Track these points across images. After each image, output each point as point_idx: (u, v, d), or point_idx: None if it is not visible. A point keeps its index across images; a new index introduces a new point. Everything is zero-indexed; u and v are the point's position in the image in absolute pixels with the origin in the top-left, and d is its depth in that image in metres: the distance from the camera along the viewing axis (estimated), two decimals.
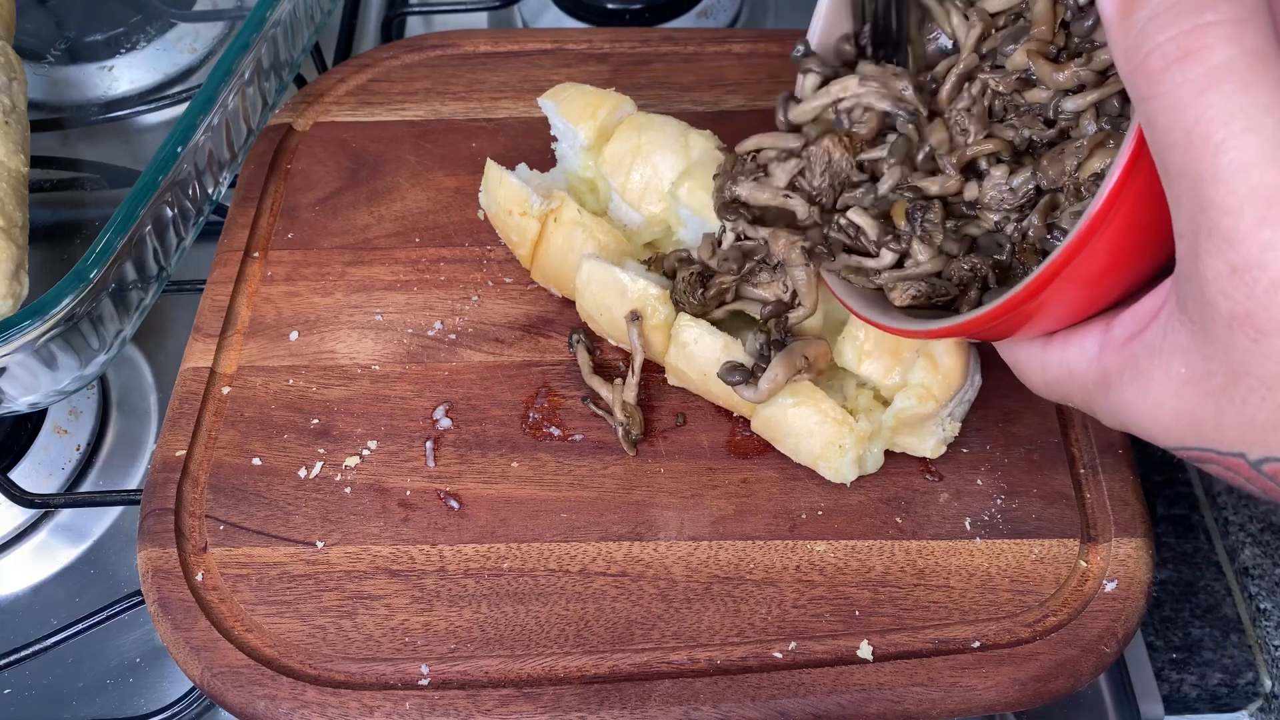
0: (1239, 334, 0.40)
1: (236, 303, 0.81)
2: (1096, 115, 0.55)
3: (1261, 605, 0.78)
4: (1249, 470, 0.44)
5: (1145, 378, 0.46)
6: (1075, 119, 0.56)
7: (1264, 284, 0.38)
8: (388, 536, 0.70)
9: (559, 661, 0.65)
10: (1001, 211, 0.58)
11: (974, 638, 0.65)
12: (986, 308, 0.52)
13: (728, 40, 0.97)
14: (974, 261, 0.58)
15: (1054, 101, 0.56)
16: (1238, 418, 0.42)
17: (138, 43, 1.06)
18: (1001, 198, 0.57)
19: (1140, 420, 0.48)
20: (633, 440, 0.72)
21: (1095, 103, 0.55)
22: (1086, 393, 0.52)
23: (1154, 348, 0.46)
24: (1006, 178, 0.57)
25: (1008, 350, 0.57)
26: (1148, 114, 0.41)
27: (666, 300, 0.71)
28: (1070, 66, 0.55)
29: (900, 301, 0.59)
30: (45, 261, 0.91)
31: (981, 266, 0.58)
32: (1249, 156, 0.38)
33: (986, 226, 0.59)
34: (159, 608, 0.67)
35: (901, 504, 0.70)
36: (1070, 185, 0.55)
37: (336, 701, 0.63)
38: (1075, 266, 0.47)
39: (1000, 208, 0.58)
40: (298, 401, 0.76)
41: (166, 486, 0.72)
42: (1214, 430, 0.44)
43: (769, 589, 0.67)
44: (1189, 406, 0.44)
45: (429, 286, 0.82)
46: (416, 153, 0.90)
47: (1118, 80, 0.54)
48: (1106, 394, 0.50)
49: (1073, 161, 0.54)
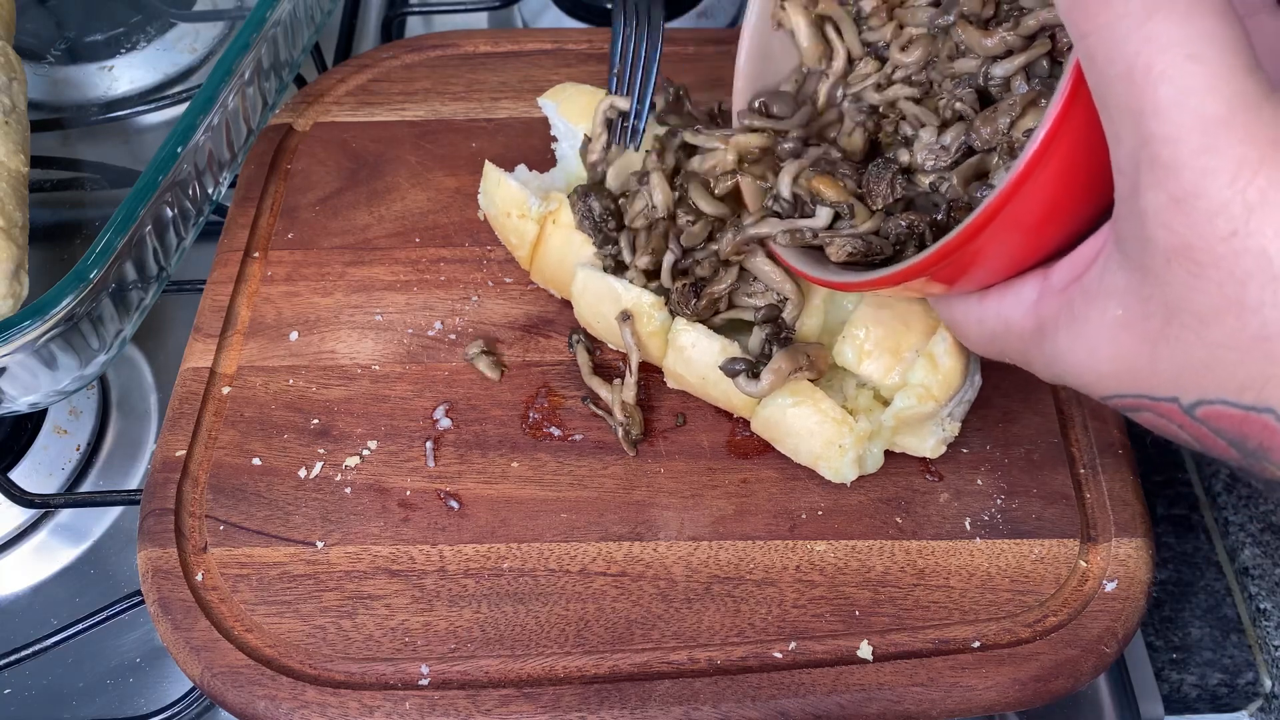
0: (1177, 267, 0.40)
1: (236, 303, 0.81)
2: (1027, 78, 0.56)
3: (1261, 605, 0.78)
4: (1181, 416, 0.43)
5: (1081, 322, 0.46)
6: (1005, 83, 0.57)
7: (1202, 211, 0.38)
8: (388, 536, 0.70)
9: (559, 661, 0.65)
10: (935, 172, 0.58)
11: (974, 638, 0.65)
12: (923, 255, 0.51)
13: (728, 40, 0.96)
14: (911, 219, 0.58)
15: (983, 69, 0.57)
16: (1172, 359, 0.42)
17: (138, 43, 1.06)
18: (935, 157, 0.58)
19: (1075, 368, 0.47)
20: (633, 440, 0.72)
21: (1024, 66, 0.56)
22: (1023, 344, 0.51)
23: (1090, 292, 0.45)
24: (936, 137, 0.58)
25: (944, 308, 0.57)
26: (1087, 50, 0.40)
27: (661, 307, 0.71)
28: (998, 33, 0.57)
29: (837, 258, 0.59)
30: (45, 261, 0.91)
31: (919, 224, 0.58)
32: (1190, 84, 0.38)
33: (921, 188, 0.59)
34: (159, 608, 0.67)
35: (901, 504, 0.70)
36: (1004, 144, 0.55)
37: (336, 701, 0.63)
38: (1012, 209, 0.46)
39: (935, 168, 0.58)
40: (298, 401, 0.76)
41: (166, 486, 0.72)
42: (1149, 375, 0.43)
43: (769, 589, 0.67)
44: (1124, 350, 0.44)
45: (429, 286, 0.82)
46: (416, 153, 0.90)
47: (1044, 43, 0.55)
48: (1042, 343, 0.49)
49: (1005, 120, 0.55)
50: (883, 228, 0.59)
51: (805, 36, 0.65)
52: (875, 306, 0.68)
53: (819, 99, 0.66)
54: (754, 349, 0.69)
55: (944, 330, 0.67)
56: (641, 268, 0.71)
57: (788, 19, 0.65)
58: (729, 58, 0.96)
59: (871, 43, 0.65)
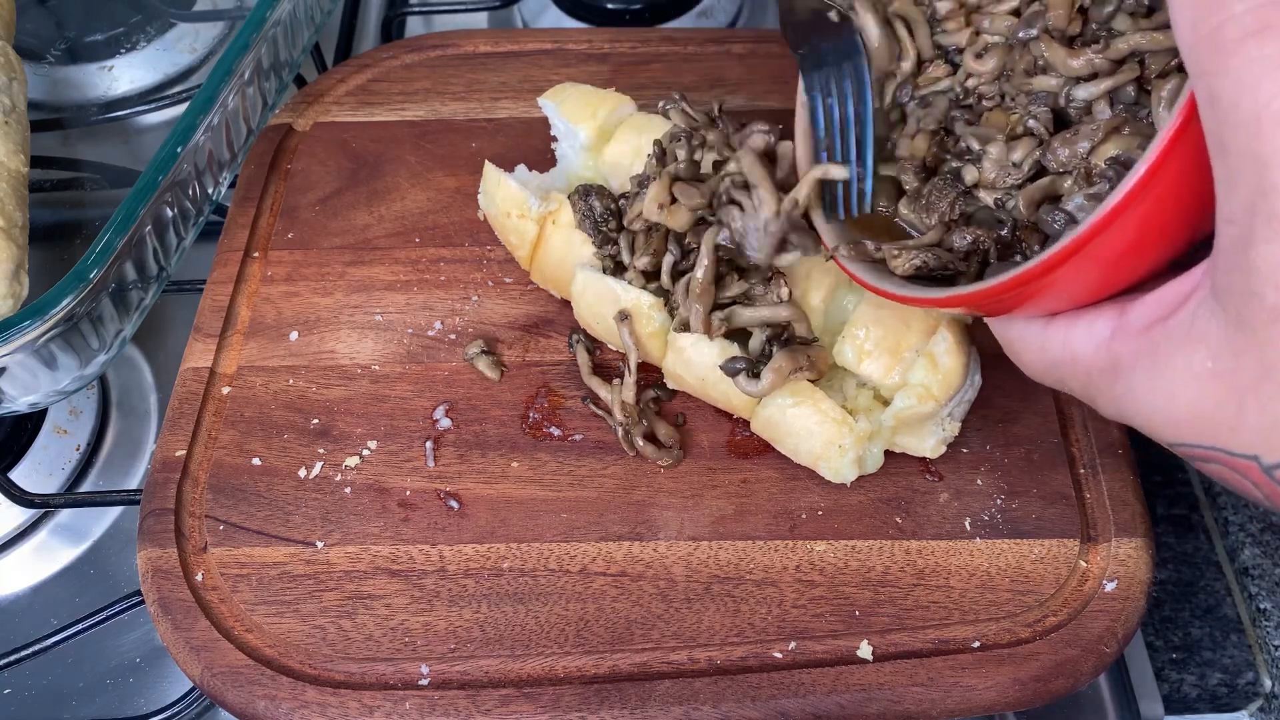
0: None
1: (236, 303, 0.81)
2: (1110, 103, 0.54)
3: (1261, 605, 0.78)
4: (1260, 475, 0.42)
5: (1163, 367, 0.44)
6: (1087, 107, 0.55)
7: None
8: (388, 536, 0.70)
9: (559, 661, 0.65)
10: (1002, 189, 0.57)
11: (974, 638, 0.65)
12: (998, 279, 0.50)
13: (728, 40, 0.97)
14: (976, 234, 0.56)
15: (1065, 89, 0.55)
16: (1260, 418, 0.40)
17: (138, 43, 1.06)
18: (1005, 173, 0.56)
19: (1147, 412, 0.46)
20: (633, 440, 0.72)
21: (1109, 90, 0.54)
22: (1089, 378, 0.49)
23: (1177, 337, 0.44)
24: (1005, 153, 0.57)
25: (1003, 327, 0.56)
26: (1210, 90, 0.38)
27: (660, 308, 0.71)
28: (1086, 53, 0.54)
29: (902, 271, 0.58)
30: (45, 261, 0.91)
31: (984, 239, 0.56)
32: None
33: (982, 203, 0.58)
34: (159, 608, 0.67)
35: (901, 504, 0.70)
36: (1081, 170, 0.54)
37: (336, 701, 0.63)
38: (1100, 243, 0.45)
39: (1001, 184, 0.57)
40: (298, 401, 0.76)
41: (166, 486, 0.72)
42: (1230, 430, 0.42)
43: (769, 589, 0.67)
44: (1208, 402, 0.42)
45: (429, 286, 0.82)
46: (416, 153, 0.90)
47: (1133, 69, 0.53)
48: (1113, 381, 0.47)
49: (1085, 145, 0.53)
50: (945, 239, 0.57)
51: (874, 36, 0.63)
52: (875, 306, 0.68)
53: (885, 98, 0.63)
54: (754, 349, 0.69)
55: (944, 330, 0.67)
56: (641, 269, 0.71)
57: (857, 18, 0.63)
58: (729, 57, 0.96)
59: (943, 46, 0.62)
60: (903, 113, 0.63)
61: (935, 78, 0.62)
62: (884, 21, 0.63)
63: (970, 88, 0.60)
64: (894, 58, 0.63)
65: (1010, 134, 0.57)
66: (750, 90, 0.93)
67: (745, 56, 0.96)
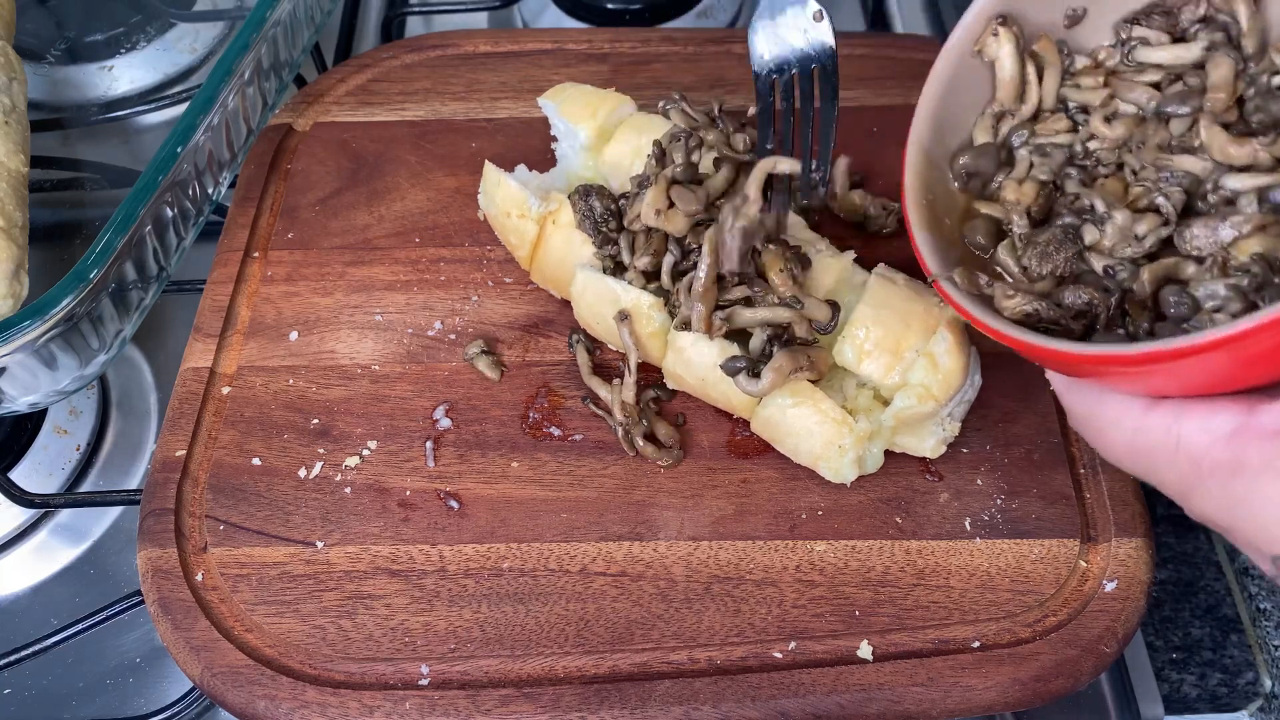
0: None
1: (236, 303, 0.81)
2: (1259, 199, 0.52)
3: (1261, 605, 0.78)
4: None
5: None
6: (1231, 197, 0.53)
7: None
8: (388, 536, 0.70)
9: (559, 661, 0.65)
10: (1118, 258, 0.55)
11: (974, 638, 0.65)
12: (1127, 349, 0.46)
13: (728, 40, 0.97)
14: (1092, 296, 0.54)
15: (1213, 175, 0.53)
16: None
17: (138, 43, 1.06)
18: (1128, 244, 0.54)
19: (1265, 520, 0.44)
20: (633, 440, 0.72)
21: (1265, 186, 0.52)
22: (1195, 472, 0.46)
23: None
24: (1131, 224, 0.54)
25: (1091, 402, 0.52)
26: None
27: (660, 308, 0.71)
28: (1252, 144, 0.53)
29: (1010, 314, 0.55)
30: (45, 261, 0.91)
31: (1098, 304, 0.54)
32: None
33: (1093, 267, 0.56)
34: (159, 608, 0.67)
35: (901, 504, 0.70)
36: (1218, 259, 0.52)
37: (336, 701, 0.63)
38: (1253, 341, 0.43)
39: (1119, 253, 0.55)
40: (298, 401, 0.76)
41: (166, 486, 0.72)
42: None
43: (769, 589, 0.67)
44: None
45: (429, 286, 0.82)
46: (416, 153, 0.90)
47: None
48: (1229, 480, 0.45)
49: (1229, 234, 0.51)
50: (1055, 293, 0.55)
51: (1008, 70, 0.61)
52: (875, 307, 0.68)
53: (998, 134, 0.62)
54: (755, 349, 0.69)
55: (944, 330, 0.67)
56: (641, 269, 0.71)
57: (993, 48, 0.61)
58: (729, 57, 0.96)
59: (1065, 98, 0.61)
60: (1010, 154, 0.62)
61: (1056, 129, 0.60)
62: (1019, 57, 0.61)
63: (1090, 149, 0.59)
64: (1017, 97, 0.62)
65: (1131, 205, 0.55)
66: (750, 90, 0.93)
67: (745, 56, 0.96)
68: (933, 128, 0.61)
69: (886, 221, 0.82)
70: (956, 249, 0.60)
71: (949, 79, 0.62)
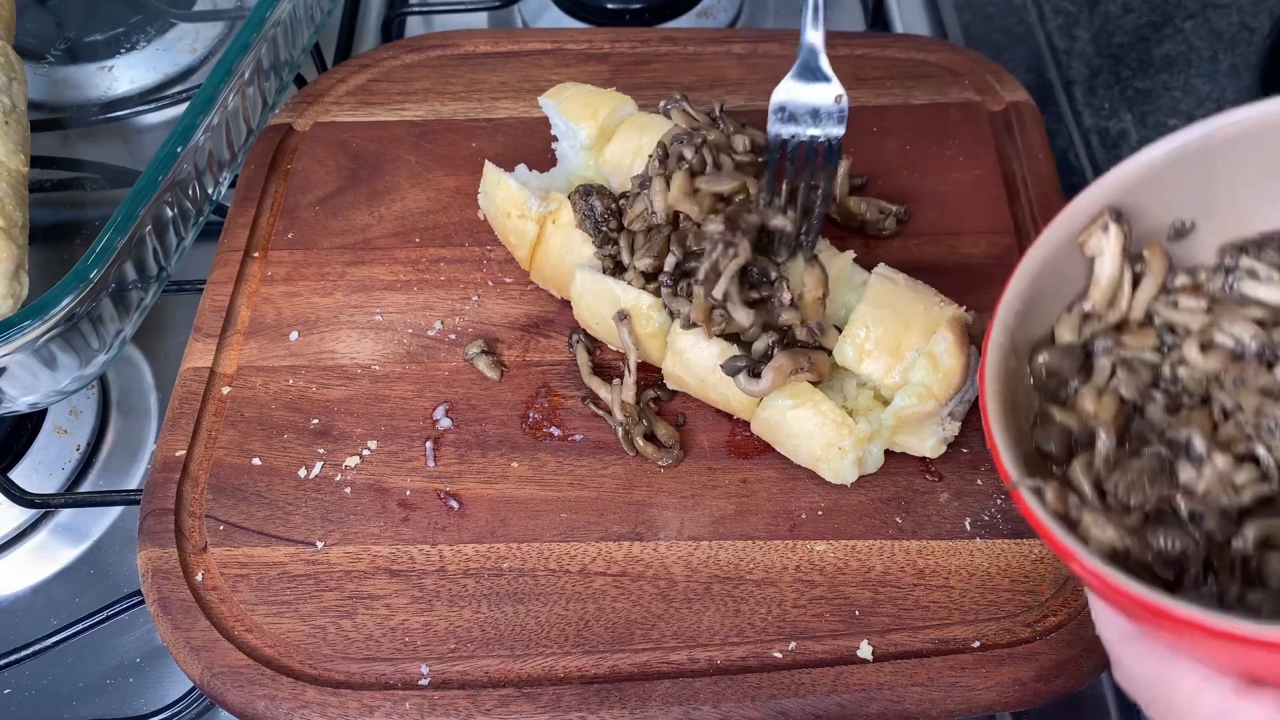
0: None
1: (236, 303, 0.81)
2: None
3: None
4: None
5: None
6: None
7: None
8: (388, 536, 0.70)
9: (559, 661, 0.65)
10: (1209, 507, 0.49)
11: (974, 638, 0.65)
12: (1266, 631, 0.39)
13: (728, 40, 0.97)
14: (1186, 543, 0.48)
15: None
16: None
17: (138, 43, 1.06)
18: (1224, 493, 0.49)
19: None
20: (633, 440, 0.72)
21: None
22: None
23: None
24: (1232, 471, 0.49)
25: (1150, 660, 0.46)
26: None
27: (660, 308, 0.71)
28: None
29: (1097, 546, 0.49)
30: (45, 261, 0.91)
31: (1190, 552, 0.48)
32: None
33: (1178, 510, 0.50)
34: (159, 608, 0.67)
35: (901, 504, 0.70)
36: None
37: (336, 701, 0.63)
38: None
39: (1212, 502, 0.49)
40: (298, 401, 0.76)
41: (166, 486, 0.72)
42: None
43: (769, 589, 0.67)
44: None
45: (429, 286, 0.82)
46: (416, 153, 0.90)
47: None
48: None
49: None
50: (1141, 530, 0.49)
51: (1108, 272, 0.55)
52: (876, 306, 0.68)
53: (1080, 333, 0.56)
54: (757, 350, 0.69)
55: (945, 330, 0.67)
56: (641, 269, 0.71)
57: (1098, 243, 0.55)
58: (729, 57, 0.96)
59: (1155, 311, 0.56)
60: (1088, 356, 0.56)
61: (1144, 344, 0.55)
62: (1124, 259, 0.55)
63: (1178, 375, 0.54)
64: (1109, 302, 0.56)
65: (1222, 445, 0.51)
66: (750, 90, 0.93)
67: (745, 56, 0.96)
68: (1020, 313, 0.55)
69: (885, 224, 0.82)
70: (1022, 448, 0.53)
71: (1044, 262, 0.56)
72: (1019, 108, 0.90)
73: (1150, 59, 1.06)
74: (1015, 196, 0.85)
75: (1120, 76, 1.05)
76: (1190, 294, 0.55)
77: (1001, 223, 0.83)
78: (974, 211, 0.84)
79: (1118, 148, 1.00)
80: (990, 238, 0.82)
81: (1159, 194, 0.55)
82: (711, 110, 0.79)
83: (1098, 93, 1.04)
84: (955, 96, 0.91)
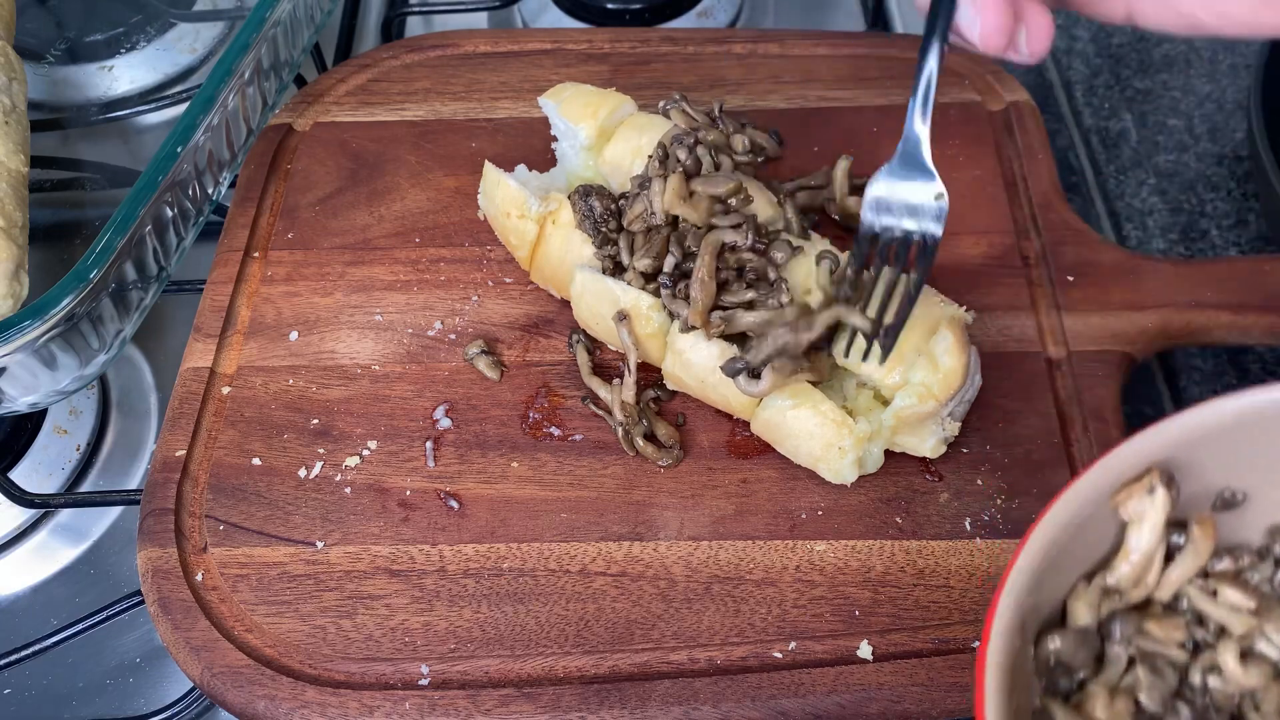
0: None
1: (236, 303, 0.81)
2: None
3: None
4: None
5: None
6: None
7: None
8: (388, 536, 0.70)
9: (559, 661, 0.65)
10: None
11: (974, 638, 0.65)
12: None
13: (728, 40, 0.97)
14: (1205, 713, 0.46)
15: None
16: None
17: (138, 43, 1.06)
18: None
19: None
20: (633, 440, 0.72)
21: None
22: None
23: None
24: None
25: None
26: None
27: (660, 309, 0.71)
28: None
29: None
30: (45, 261, 0.91)
31: None
32: None
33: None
34: (159, 608, 0.67)
35: (901, 504, 0.70)
36: None
37: (336, 701, 0.63)
38: None
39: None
40: (298, 401, 0.76)
41: (166, 486, 0.72)
42: None
43: (769, 589, 0.67)
44: None
45: (429, 286, 0.82)
46: (416, 153, 0.90)
47: None
48: None
49: None
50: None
51: (1143, 545, 0.48)
52: None
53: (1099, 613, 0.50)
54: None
55: (945, 330, 0.67)
56: (640, 270, 0.71)
57: (1139, 509, 0.48)
58: (729, 57, 0.96)
59: (1184, 594, 0.50)
60: (1101, 641, 0.49)
61: (1171, 637, 0.49)
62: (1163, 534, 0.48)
63: (1209, 685, 0.48)
64: (1137, 579, 0.49)
65: None
66: (750, 90, 0.93)
67: (745, 56, 0.96)
68: (1033, 586, 0.47)
69: None
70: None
71: (1067, 524, 0.47)
72: (1019, 107, 0.90)
73: (1150, 59, 1.06)
74: (1015, 196, 0.85)
75: (1120, 76, 1.05)
76: (1231, 583, 0.48)
77: (1001, 223, 0.83)
78: (974, 211, 0.84)
79: (1118, 147, 1.00)
80: (990, 238, 0.82)
81: (1216, 456, 0.48)
82: (711, 110, 0.79)
83: (1098, 93, 1.05)
84: (955, 96, 0.92)
